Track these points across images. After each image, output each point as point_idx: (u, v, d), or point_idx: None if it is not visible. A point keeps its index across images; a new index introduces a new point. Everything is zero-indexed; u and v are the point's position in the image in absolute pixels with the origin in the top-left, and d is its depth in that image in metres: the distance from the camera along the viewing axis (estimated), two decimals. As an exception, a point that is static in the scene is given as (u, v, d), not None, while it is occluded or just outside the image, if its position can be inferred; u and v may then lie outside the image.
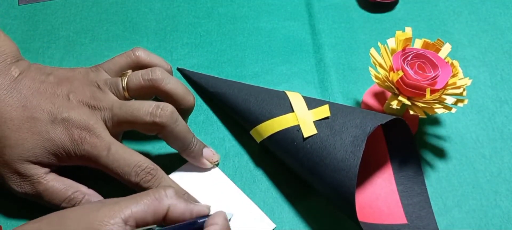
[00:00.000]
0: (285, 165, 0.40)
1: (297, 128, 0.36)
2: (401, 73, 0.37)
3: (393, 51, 0.40)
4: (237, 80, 0.44)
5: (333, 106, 0.37)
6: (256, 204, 0.38)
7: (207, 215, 0.32)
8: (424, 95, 0.37)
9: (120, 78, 0.37)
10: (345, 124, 0.35)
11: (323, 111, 0.36)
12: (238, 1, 0.52)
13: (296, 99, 0.38)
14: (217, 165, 0.40)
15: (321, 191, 0.36)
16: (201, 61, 0.47)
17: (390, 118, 0.35)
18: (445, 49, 0.40)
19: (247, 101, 0.40)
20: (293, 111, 0.37)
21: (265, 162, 0.41)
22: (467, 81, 0.38)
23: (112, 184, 0.36)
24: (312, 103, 0.38)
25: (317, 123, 0.36)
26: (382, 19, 0.51)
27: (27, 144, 0.34)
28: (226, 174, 0.39)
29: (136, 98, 0.38)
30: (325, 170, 0.34)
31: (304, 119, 0.37)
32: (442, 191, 0.39)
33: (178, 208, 0.31)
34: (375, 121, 0.34)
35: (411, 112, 0.37)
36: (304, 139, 0.36)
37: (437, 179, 0.40)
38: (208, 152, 0.39)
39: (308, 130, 0.36)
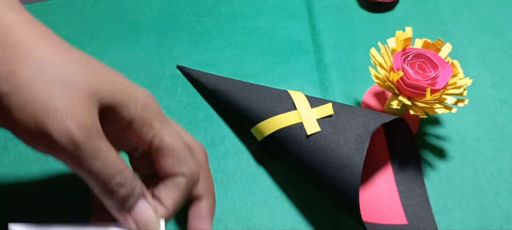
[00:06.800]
0: (286, 163, 0.40)
1: (300, 126, 0.36)
2: (401, 73, 0.37)
3: (393, 51, 0.40)
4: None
5: (336, 105, 0.37)
6: (256, 202, 0.38)
7: None
8: (425, 95, 0.37)
9: None
10: (349, 122, 0.35)
11: (326, 109, 0.36)
12: (238, 0, 0.52)
13: (298, 97, 0.38)
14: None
15: (323, 189, 0.36)
16: (201, 59, 0.47)
17: (393, 117, 0.35)
18: (446, 49, 0.40)
19: (248, 99, 0.40)
20: (295, 109, 0.37)
21: (266, 160, 0.41)
22: (468, 81, 0.38)
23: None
24: (314, 102, 0.37)
25: (320, 121, 0.36)
26: (382, 19, 0.51)
27: None
28: (226, 172, 0.39)
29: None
30: (328, 168, 0.34)
31: (307, 116, 0.36)
32: (442, 191, 0.39)
33: None
34: (378, 120, 0.34)
35: (412, 112, 0.37)
36: (307, 137, 0.36)
37: (437, 179, 0.40)
38: (143, 208, 0.27)
39: (312, 128, 0.36)
